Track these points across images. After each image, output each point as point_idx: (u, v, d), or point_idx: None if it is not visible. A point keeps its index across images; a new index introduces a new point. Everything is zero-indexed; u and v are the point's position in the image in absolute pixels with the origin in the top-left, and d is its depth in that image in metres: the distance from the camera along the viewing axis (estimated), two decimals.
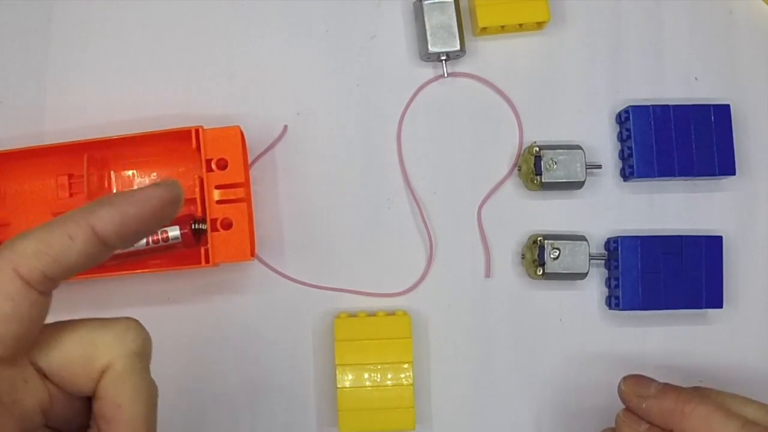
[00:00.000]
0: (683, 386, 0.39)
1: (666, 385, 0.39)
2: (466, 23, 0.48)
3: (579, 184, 0.46)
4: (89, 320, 0.27)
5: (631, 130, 0.46)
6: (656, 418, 0.39)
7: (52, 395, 0.26)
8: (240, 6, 0.49)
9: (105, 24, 0.48)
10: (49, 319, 0.48)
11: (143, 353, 0.26)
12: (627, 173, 0.47)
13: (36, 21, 0.48)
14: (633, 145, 0.46)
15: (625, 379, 0.41)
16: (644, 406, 0.39)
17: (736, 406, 0.38)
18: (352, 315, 0.46)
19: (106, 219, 0.25)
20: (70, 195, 0.45)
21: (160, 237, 0.43)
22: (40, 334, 0.25)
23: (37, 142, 0.46)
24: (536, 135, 0.48)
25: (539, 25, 0.48)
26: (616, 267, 0.46)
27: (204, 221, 0.43)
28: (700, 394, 0.38)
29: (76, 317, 0.44)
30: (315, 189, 0.48)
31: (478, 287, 0.47)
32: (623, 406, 0.40)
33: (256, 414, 0.47)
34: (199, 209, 0.44)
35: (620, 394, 0.41)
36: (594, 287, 0.48)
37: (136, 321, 0.27)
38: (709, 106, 0.46)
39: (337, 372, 0.45)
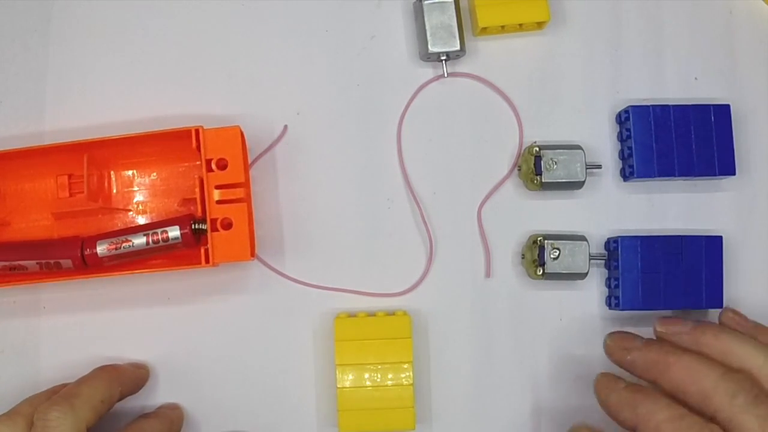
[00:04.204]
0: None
1: (650, 339, 0.41)
2: (466, 23, 0.48)
3: (579, 184, 0.46)
4: None
5: (631, 130, 0.46)
6: (641, 370, 0.40)
7: None
8: (240, 6, 0.49)
9: (105, 24, 0.48)
10: (51, 317, 0.48)
11: None
12: (627, 173, 0.47)
13: (36, 21, 0.48)
14: (633, 145, 0.46)
15: (611, 334, 0.43)
16: (629, 358, 0.41)
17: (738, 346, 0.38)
18: (352, 315, 0.46)
19: None
20: (70, 195, 0.45)
21: (160, 237, 0.43)
22: None
23: (37, 142, 0.46)
24: (536, 135, 0.48)
25: (539, 25, 0.48)
26: (616, 267, 0.46)
27: (204, 221, 0.43)
28: (681, 348, 0.39)
29: (77, 316, 0.45)
30: (315, 189, 0.48)
31: (478, 287, 0.47)
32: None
33: (256, 414, 0.47)
34: (199, 209, 0.44)
35: (606, 348, 0.43)
36: (594, 287, 0.48)
37: None
38: (709, 106, 0.46)
39: (337, 372, 0.45)
